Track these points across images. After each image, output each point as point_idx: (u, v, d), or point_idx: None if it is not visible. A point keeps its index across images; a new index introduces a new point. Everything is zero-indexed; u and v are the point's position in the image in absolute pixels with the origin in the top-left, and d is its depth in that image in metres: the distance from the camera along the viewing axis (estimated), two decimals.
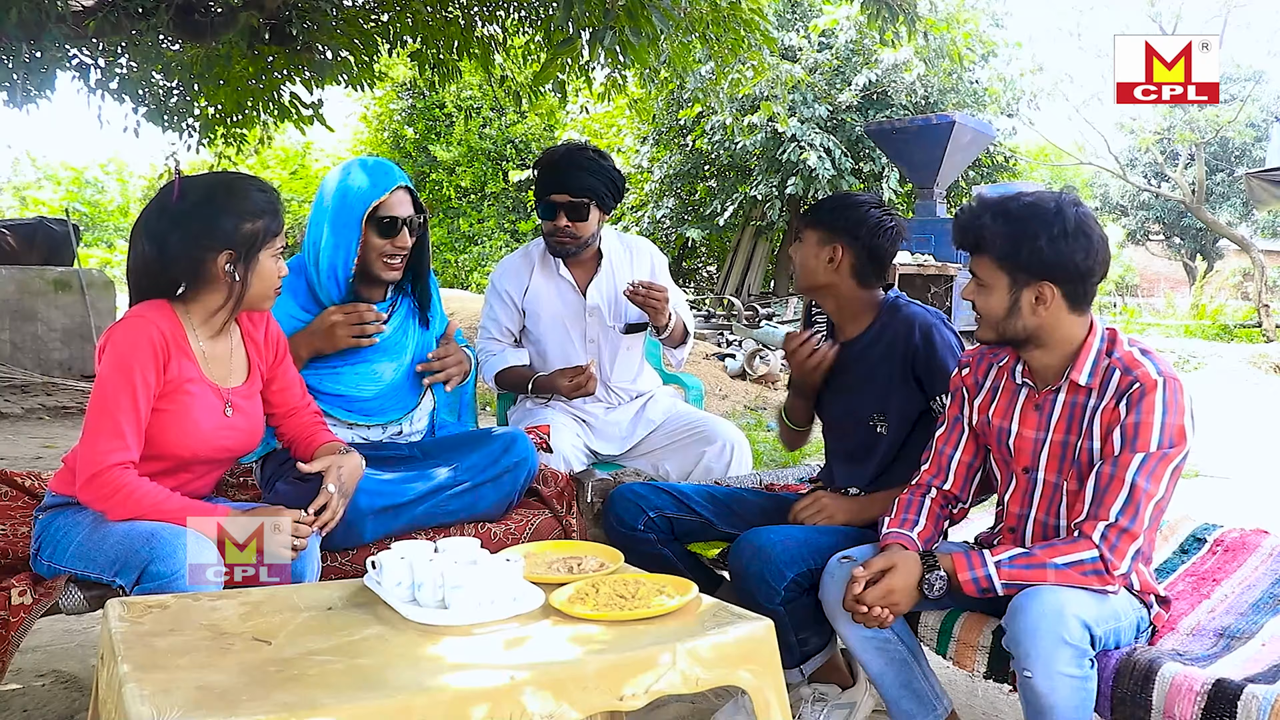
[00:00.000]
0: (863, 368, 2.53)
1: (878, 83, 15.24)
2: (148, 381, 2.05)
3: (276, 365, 2.37)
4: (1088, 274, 1.99)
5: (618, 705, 1.51)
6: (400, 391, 2.71)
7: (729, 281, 18.32)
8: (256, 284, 2.17)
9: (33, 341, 9.81)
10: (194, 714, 1.27)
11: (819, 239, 2.51)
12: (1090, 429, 2.01)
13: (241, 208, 2.13)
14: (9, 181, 30.21)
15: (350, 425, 2.66)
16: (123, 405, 2.03)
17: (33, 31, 5.65)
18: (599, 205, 3.15)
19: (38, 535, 2.13)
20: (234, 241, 2.11)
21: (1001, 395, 2.19)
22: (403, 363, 2.70)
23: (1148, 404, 1.93)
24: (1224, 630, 2.09)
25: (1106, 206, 30.83)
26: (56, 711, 2.64)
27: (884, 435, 2.51)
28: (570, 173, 3.11)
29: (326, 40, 7.26)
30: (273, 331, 2.37)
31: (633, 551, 2.41)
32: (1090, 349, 2.03)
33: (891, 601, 1.99)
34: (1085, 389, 2.03)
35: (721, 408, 9.44)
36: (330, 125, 8.42)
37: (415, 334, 2.75)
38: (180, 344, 2.13)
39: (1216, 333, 18.17)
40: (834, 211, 2.51)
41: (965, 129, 11.16)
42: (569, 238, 3.16)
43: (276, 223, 2.18)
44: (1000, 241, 2.00)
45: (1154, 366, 1.97)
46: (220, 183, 2.20)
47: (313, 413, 2.43)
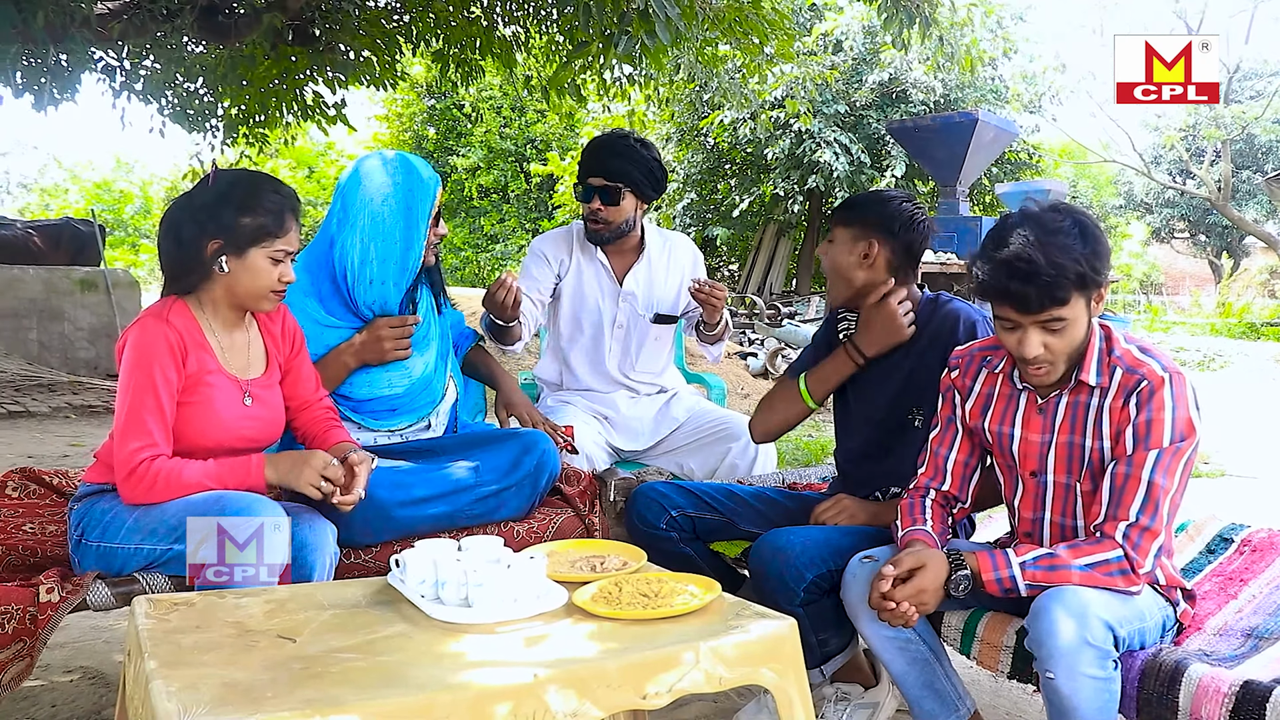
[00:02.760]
0: (904, 361, 2.51)
1: (894, 81, 15.20)
2: (168, 378, 2.08)
3: (293, 358, 2.38)
4: None
5: (641, 704, 1.51)
6: (429, 384, 2.72)
7: (751, 280, 18.31)
8: (245, 280, 2.17)
9: (60, 341, 9.91)
10: (219, 710, 1.28)
11: (852, 236, 2.48)
12: (1099, 429, 2.00)
13: (246, 202, 2.14)
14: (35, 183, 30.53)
15: (374, 431, 2.66)
16: (147, 403, 2.06)
17: (58, 34, 5.70)
18: (636, 193, 3.19)
19: (77, 523, 2.14)
20: (226, 231, 2.13)
21: (998, 401, 2.17)
22: (429, 356, 2.71)
23: (1157, 401, 1.92)
24: (1252, 630, 2.07)
25: (1131, 204, 30.61)
26: (84, 707, 2.67)
27: (919, 430, 2.49)
28: (608, 157, 3.15)
29: (349, 40, 7.30)
30: (289, 324, 2.38)
31: (655, 550, 2.40)
32: (1094, 348, 2.02)
33: (921, 601, 1.98)
34: (1089, 388, 2.02)
35: (744, 407, 9.43)
36: (352, 125, 8.47)
37: (436, 322, 2.77)
38: (196, 338, 2.16)
39: (1243, 331, 18.03)
40: (865, 207, 2.49)
41: (988, 126, 11.08)
42: (601, 222, 3.20)
43: (280, 225, 2.17)
44: (1073, 274, 1.88)
45: (1158, 364, 1.97)
46: (241, 177, 2.22)
47: (325, 407, 2.44)
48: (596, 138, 3.30)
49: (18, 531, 2.30)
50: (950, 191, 11.40)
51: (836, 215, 2.54)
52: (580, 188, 3.21)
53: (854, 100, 15.39)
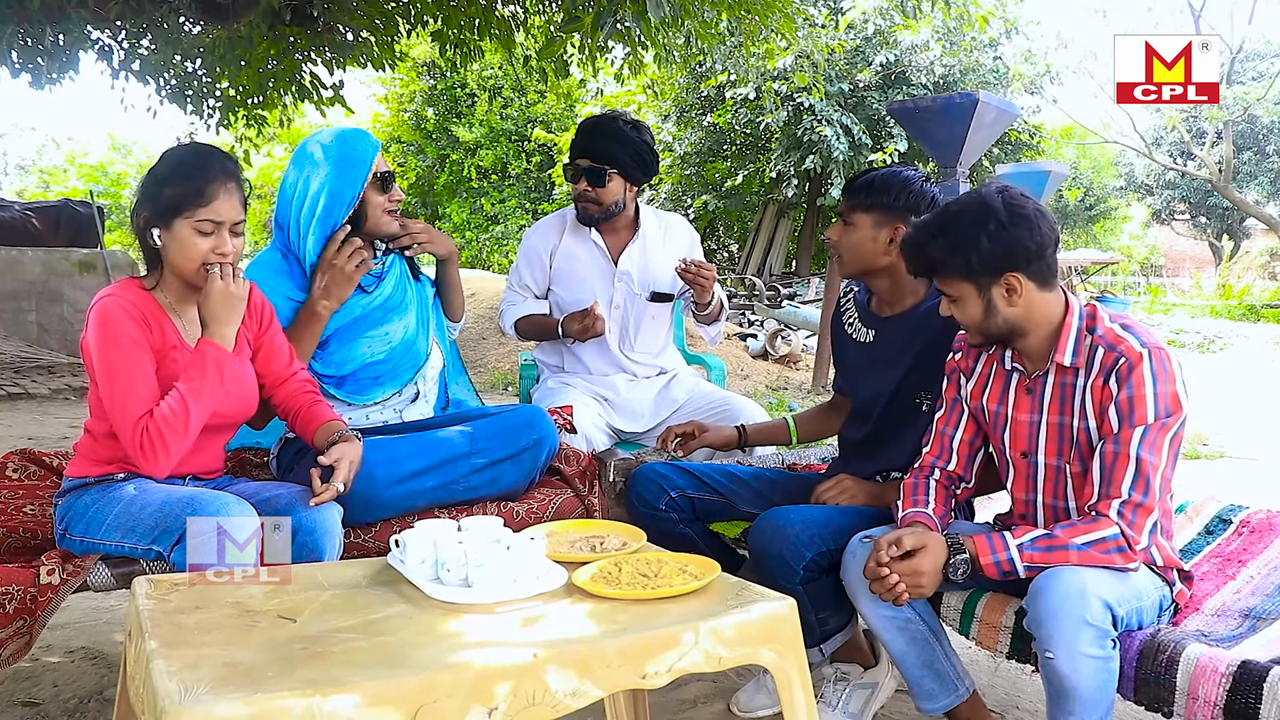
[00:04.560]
0: (915, 341, 2.50)
1: (897, 62, 15.15)
2: (139, 341, 2.07)
3: (263, 334, 2.35)
4: (1041, 250, 2.00)
5: (640, 683, 1.52)
6: (410, 348, 2.72)
7: (751, 261, 18.29)
8: (174, 252, 2.12)
9: (59, 323, 9.90)
10: (220, 690, 1.28)
11: (875, 221, 2.46)
12: (1084, 409, 2.02)
13: (168, 173, 2.12)
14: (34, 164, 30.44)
15: (365, 407, 2.66)
16: (132, 372, 2.05)
17: (55, 14, 5.67)
18: (624, 175, 3.18)
19: (62, 518, 2.14)
20: (151, 203, 2.11)
21: (994, 381, 2.20)
22: (408, 319, 2.72)
23: (1137, 377, 1.93)
24: (1249, 611, 2.08)
25: (1132, 185, 30.54)
26: (85, 687, 2.68)
27: (925, 413, 2.48)
28: (596, 139, 3.15)
29: (347, 21, 7.25)
30: (256, 299, 2.35)
31: (654, 530, 2.41)
32: (1070, 328, 2.04)
33: (917, 583, 1.99)
34: (1072, 369, 2.04)
35: (743, 388, 9.44)
36: (350, 107, 8.43)
37: (413, 288, 2.78)
38: (155, 314, 2.14)
39: (1243, 313, 18.04)
40: (889, 191, 2.45)
41: (989, 108, 11.03)
42: (590, 202, 3.20)
43: (200, 194, 2.09)
44: (948, 256, 2.03)
45: (1137, 340, 1.97)
46: (174, 150, 2.19)
47: (303, 380, 2.41)
48: (588, 118, 3.29)
49: (18, 513, 2.30)
50: (950, 173, 11.36)
51: (854, 198, 2.50)
52: (570, 168, 3.21)
53: (857, 80, 15.34)
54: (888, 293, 2.56)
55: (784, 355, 11.06)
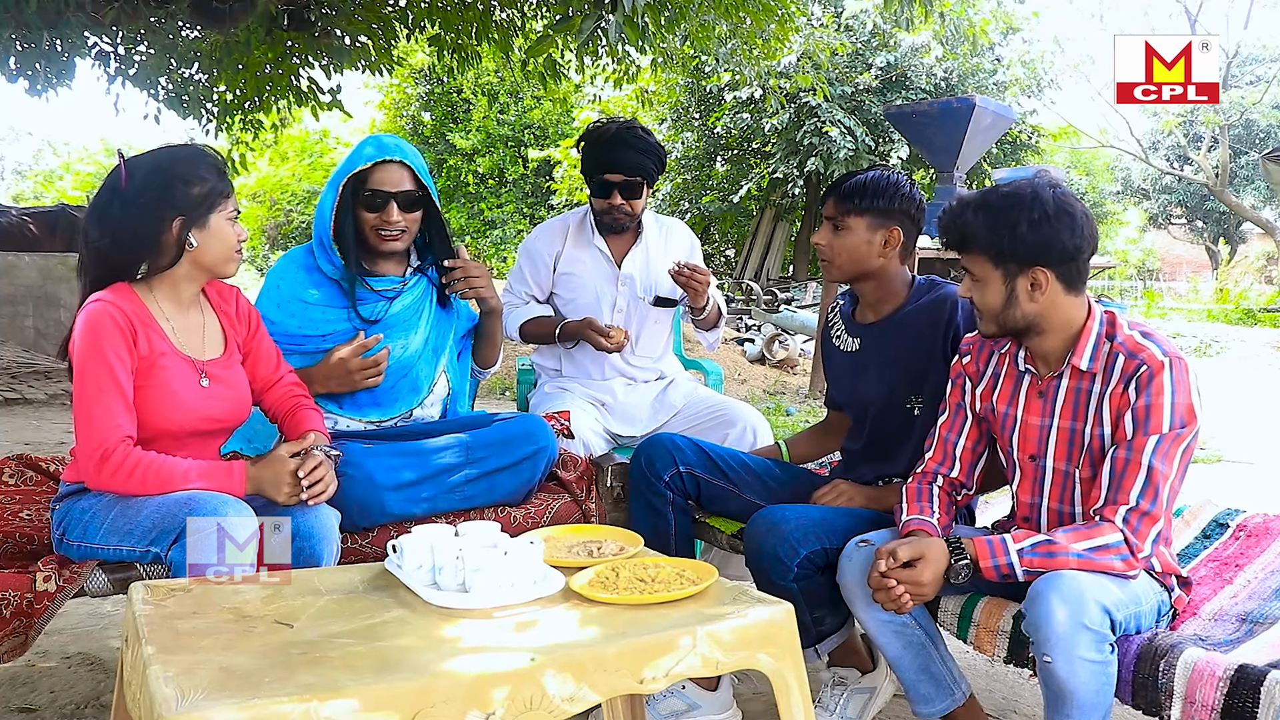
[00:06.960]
0: (899, 345, 2.51)
1: (896, 65, 15.17)
2: (121, 358, 2.06)
3: (251, 339, 2.37)
4: (1076, 252, 2.00)
5: (638, 688, 1.52)
6: (411, 373, 2.68)
7: (748, 265, 18.28)
8: (214, 246, 2.17)
9: (56, 328, 9.89)
10: (217, 695, 1.28)
11: (870, 224, 2.46)
12: (1099, 415, 2.01)
13: (187, 172, 2.13)
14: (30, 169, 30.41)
15: (362, 421, 2.65)
16: (105, 386, 2.04)
17: (51, 19, 5.67)
18: (650, 182, 3.21)
19: (59, 522, 2.14)
20: (184, 206, 2.12)
21: (1005, 382, 2.19)
22: (412, 341, 2.68)
23: (1156, 386, 1.92)
24: (1246, 615, 2.08)
25: (1128, 190, 30.56)
26: (82, 692, 2.67)
27: (919, 418, 2.49)
28: (624, 152, 3.14)
29: (345, 25, 7.26)
30: (243, 305, 2.38)
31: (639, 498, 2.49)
32: (1090, 333, 2.03)
33: (919, 592, 1.98)
34: (1088, 374, 2.03)
35: (740, 392, 9.43)
36: (348, 111, 8.43)
37: (431, 313, 2.74)
38: (145, 320, 2.14)
39: (1240, 317, 18.05)
40: (883, 195, 2.45)
41: (986, 112, 11.06)
42: (624, 215, 3.21)
43: (225, 184, 2.18)
44: (984, 234, 2.02)
45: (1159, 348, 1.96)
46: (164, 154, 2.20)
47: (291, 384, 2.42)
48: (603, 130, 3.24)
49: (15, 518, 2.30)
50: (947, 177, 11.38)
51: (847, 202, 2.48)
52: (595, 184, 3.19)
53: (857, 83, 15.35)
54: (873, 296, 2.56)
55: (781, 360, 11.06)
